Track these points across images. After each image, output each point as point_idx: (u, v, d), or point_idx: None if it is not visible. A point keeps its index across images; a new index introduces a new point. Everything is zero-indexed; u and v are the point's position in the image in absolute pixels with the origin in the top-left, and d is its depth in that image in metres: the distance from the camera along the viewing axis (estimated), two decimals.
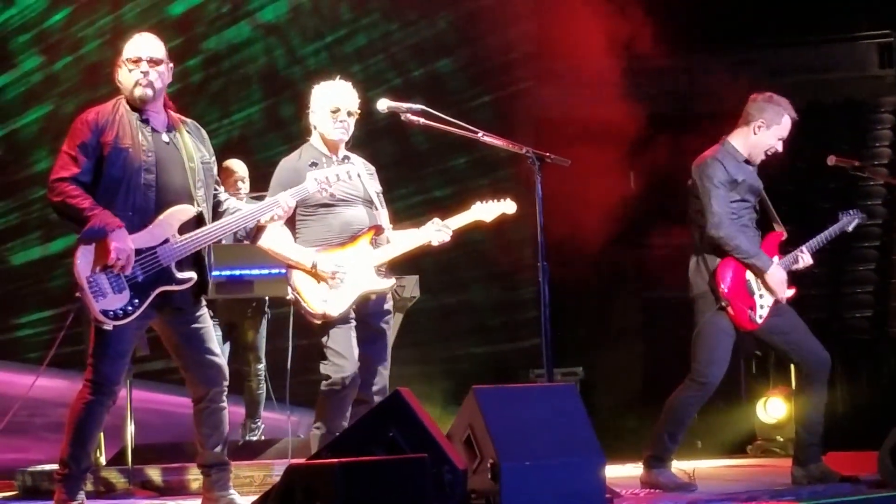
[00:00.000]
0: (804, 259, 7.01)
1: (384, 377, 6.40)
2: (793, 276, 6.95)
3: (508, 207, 6.55)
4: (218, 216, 5.88)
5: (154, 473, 7.43)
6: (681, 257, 8.46)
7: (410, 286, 8.20)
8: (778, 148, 6.96)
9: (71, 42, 10.43)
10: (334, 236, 6.28)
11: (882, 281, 11.84)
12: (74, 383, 5.85)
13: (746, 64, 11.32)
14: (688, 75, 11.50)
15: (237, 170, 8.60)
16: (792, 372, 9.45)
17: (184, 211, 5.67)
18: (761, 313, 6.81)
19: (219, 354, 5.86)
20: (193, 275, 5.66)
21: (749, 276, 6.81)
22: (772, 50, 12.40)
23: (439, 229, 6.41)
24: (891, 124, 14.24)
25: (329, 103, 6.36)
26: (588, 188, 9.99)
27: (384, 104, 6.40)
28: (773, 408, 9.63)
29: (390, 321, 6.53)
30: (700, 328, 6.86)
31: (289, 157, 6.47)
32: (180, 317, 5.75)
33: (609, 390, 11.14)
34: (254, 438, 8.57)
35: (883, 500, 6.17)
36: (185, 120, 5.93)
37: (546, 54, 11.07)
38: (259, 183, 7.09)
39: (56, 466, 5.74)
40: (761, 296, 6.82)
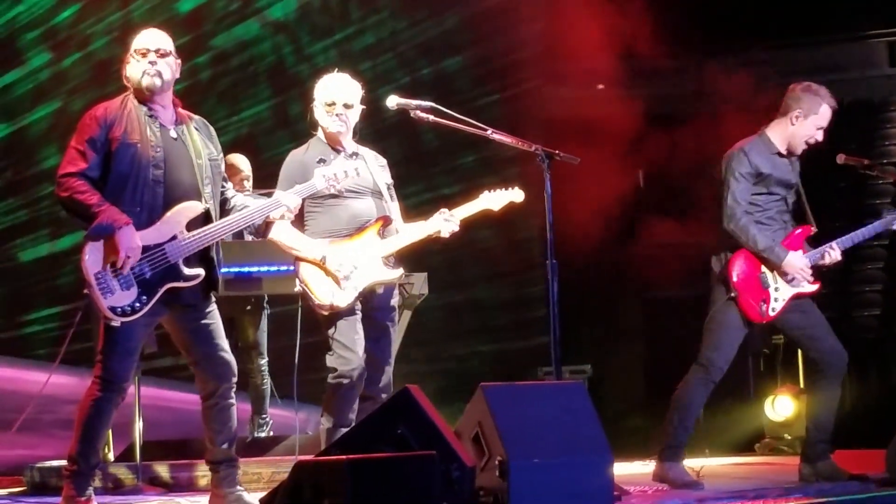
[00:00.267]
0: (832, 255, 6.90)
1: (388, 374, 6.41)
2: (817, 272, 6.89)
3: (516, 196, 6.55)
4: (225, 213, 5.89)
5: (162, 470, 7.45)
6: (687, 256, 8.45)
7: (419, 284, 8.20)
8: (818, 138, 6.91)
9: (79, 39, 10.43)
10: (342, 228, 6.29)
11: (890, 279, 11.81)
12: (83, 380, 5.86)
13: (755, 64, 11.29)
14: (696, 75, 11.48)
15: (243, 168, 8.61)
16: (800, 370, 9.46)
17: (192, 208, 5.67)
18: (774, 306, 6.79)
19: (228, 350, 5.86)
20: (201, 271, 5.67)
21: (764, 269, 6.79)
22: (781, 50, 12.38)
23: (447, 219, 6.41)
24: None
25: (324, 97, 6.39)
26: (596, 187, 9.98)
27: (393, 101, 6.41)
28: (781, 406, 9.62)
29: (395, 318, 6.54)
30: (711, 315, 6.89)
31: (296, 151, 6.48)
32: (190, 313, 5.75)
33: (617, 388, 11.13)
34: (262, 434, 8.57)
35: (891, 499, 6.16)
36: (193, 116, 5.93)
37: (554, 54, 11.05)
38: (267, 181, 7.08)
39: (65, 463, 5.75)
40: (777, 289, 6.80)
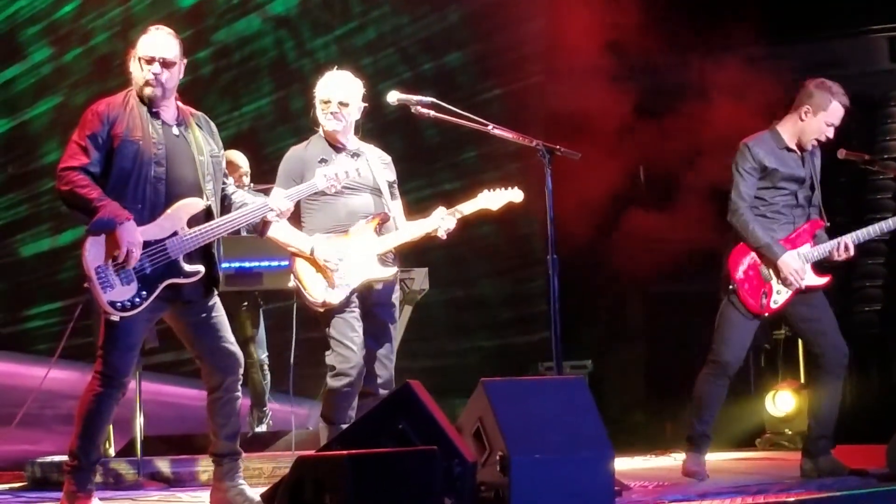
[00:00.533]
0: (843, 250, 6.85)
1: (389, 370, 6.41)
2: (821, 266, 6.87)
3: (515, 196, 6.56)
4: (226, 209, 5.88)
5: (163, 465, 7.46)
6: (689, 252, 8.45)
7: (420, 279, 8.20)
8: (829, 134, 6.87)
9: (81, 34, 10.42)
10: (339, 224, 6.29)
11: (891, 275, 11.78)
12: (84, 375, 5.86)
13: (758, 60, 11.27)
14: (698, 72, 11.46)
15: (242, 165, 8.63)
16: (801, 365, 9.46)
17: (193, 204, 5.67)
18: (776, 299, 6.80)
19: (233, 343, 5.84)
20: (201, 268, 5.66)
21: (765, 263, 6.81)
22: (782, 46, 12.36)
23: (444, 217, 6.41)
24: None
25: (321, 95, 6.41)
26: (597, 182, 9.98)
27: (394, 97, 6.41)
28: (782, 401, 9.61)
29: (396, 313, 6.53)
30: (721, 310, 6.94)
31: (295, 147, 6.49)
32: (191, 309, 5.74)
33: (618, 383, 11.12)
34: (262, 427, 8.58)
35: (892, 494, 6.16)
36: (195, 113, 5.92)
37: (556, 49, 11.04)
38: (269, 176, 7.08)
39: (65, 458, 5.74)
40: (778, 282, 6.80)
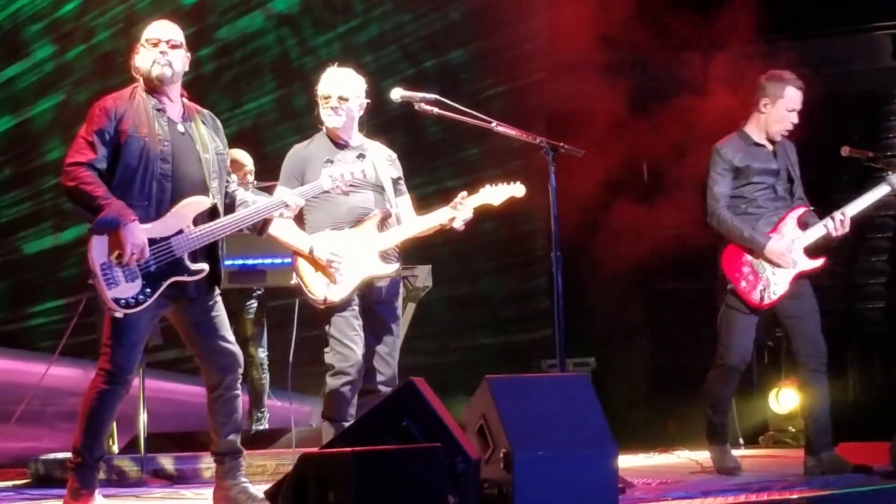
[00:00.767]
0: (836, 225, 6.87)
1: (392, 367, 6.39)
2: (823, 248, 6.91)
3: (517, 191, 6.54)
4: (229, 207, 5.88)
5: (166, 462, 7.47)
6: (690, 249, 8.44)
7: (423, 276, 8.20)
8: (793, 120, 6.94)
9: (83, 31, 10.43)
10: (340, 221, 6.28)
11: (895, 272, 11.78)
12: (88, 372, 5.87)
13: (759, 58, 11.26)
14: (701, 69, 11.44)
15: (246, 163, 8.62)
16: None
17: (199, 202, 5.67)
18: (775, 290, 6.82)
19: (233, 342, 5.86)
20: (206, 266, 5.67)
21: (755, 256, 6.83)
22: (785, 43, 12.34)
23: (459, 206, 6.33)
24: None
25: (320, 91, 6.41)
26: (599, 179, 9.97)
27: (398, 93, 6.40)
28: (785, 398, 9.59)
29: (399, 311, 6.52)
30: (721, 313, 6.99)
31: (298, 146, 6.48)
32: (194, 307, 5.75)
33: (621, 380, 11.11)
34: (260, 427, 8.58)
35: (895, 491, 6.17)
36: (201, 110, 5.93)
37: (558, 46, 11.02)
38: (271, 174, 7.08)
39: (69, 455, 5.76)
40: (774, 273, 6.82)
